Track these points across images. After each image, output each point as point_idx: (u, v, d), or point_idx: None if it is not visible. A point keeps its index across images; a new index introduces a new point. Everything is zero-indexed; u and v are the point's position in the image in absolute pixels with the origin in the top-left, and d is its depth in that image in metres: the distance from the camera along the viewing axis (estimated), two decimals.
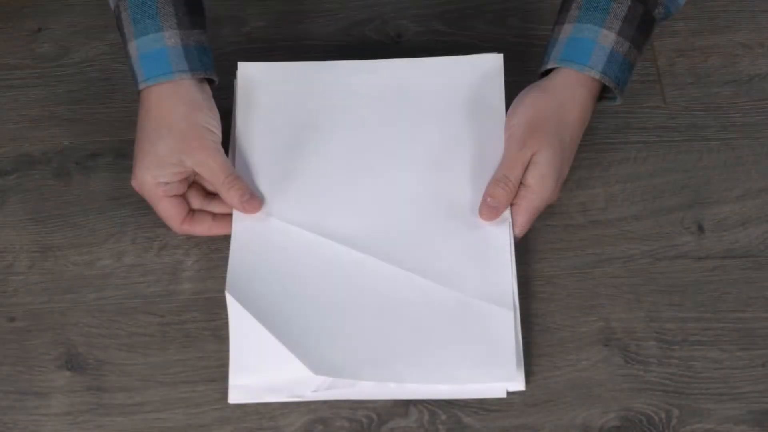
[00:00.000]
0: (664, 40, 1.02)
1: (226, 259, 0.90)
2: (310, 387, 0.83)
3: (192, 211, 0.89)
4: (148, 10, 0.87)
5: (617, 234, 0.92)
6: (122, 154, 0.96)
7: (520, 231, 0.87)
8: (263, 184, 0.90)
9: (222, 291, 0.88)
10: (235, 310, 0.85)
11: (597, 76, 0.86)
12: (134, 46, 0.88)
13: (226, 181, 0.87)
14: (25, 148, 0.97)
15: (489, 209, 0.86)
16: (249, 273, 0.86)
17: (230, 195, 0.87)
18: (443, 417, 0.85)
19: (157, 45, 0.87)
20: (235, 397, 0.84)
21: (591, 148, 0.95)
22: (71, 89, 0.99)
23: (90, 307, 0.90)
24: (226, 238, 0.90)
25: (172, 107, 0.87)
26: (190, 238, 0.91)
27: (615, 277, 0.90)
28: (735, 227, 0.93)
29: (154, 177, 0.86)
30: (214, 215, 0.90)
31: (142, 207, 0.92)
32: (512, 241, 0.87)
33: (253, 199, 0.88)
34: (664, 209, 0.93)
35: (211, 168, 0.87)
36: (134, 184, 0.88)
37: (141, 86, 0.88)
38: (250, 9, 1.04)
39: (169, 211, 0.88)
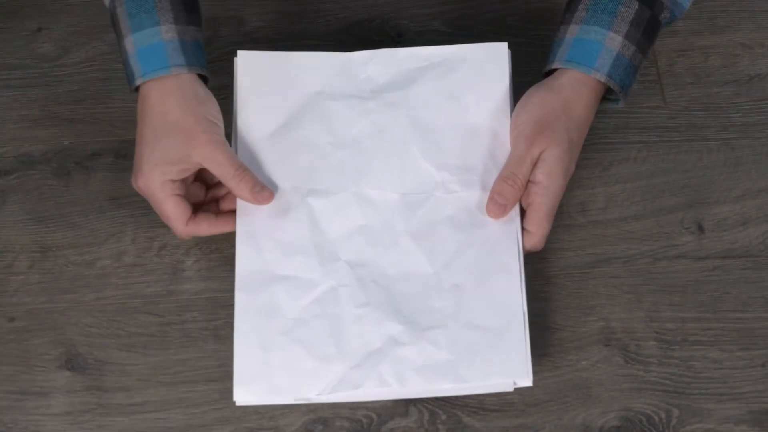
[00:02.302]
0: (664, 40, 1.02)
1: (226, 259, 0.90)
2: (315, 390, 0.82)
3: (194, 212, 0.88)
4: (144, 4, 0.86)
5: (617, 234, 0.92)
6: (122, 154, 0.96)
7: (538, 229, 0.86)
8: (266, 173, 0.89)
9: (222, 291, 0.89)
10: (241, 308, 0.84)
11: (603, 79, 0.86)
12: (130, 41, 0.87)
13: (236, 174, 0.86)
14: (25, 148, 0.97)
15: (497, 206, 0.86)
16: (256, 270, 0.86)
17: (240, 188, 0.86)
18: (443, 417, 0.85)
19: (153, 39, 0.86)
20: (241, 398, 0.83)
21: (591, 148, 0.95)
22: (71, 89, 0.99)
23: (90, 307, 0.90)
24: (226, 238, 0.90)
25: (176, 102, 0.86)
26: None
27: (615, 277, 0.90)
28: (735, 227, 0.93)
29: (163, 174, 0.85)
30: (218, 213, 0.89)
31: (142, 207, 0.92)
32: (520, 239, 0.86)
33: (264, 190, 0.87)
34: (664, 209, 0.93)
35: (220, 162, 0.86)
36: (139, 183, 0.86)
37: (138, 82, 0.87)
38: (250, 9, 1.04)
39: (174, 211, 0.86)
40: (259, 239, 0.87)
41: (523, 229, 0.86)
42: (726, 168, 0.95)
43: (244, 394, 0.83)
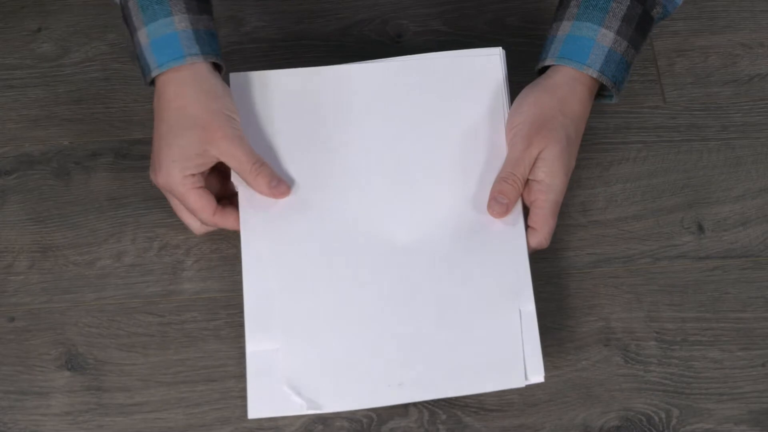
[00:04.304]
0: (664, 40, 1.02)
1: (226, 259, 0.90)
2: (329, 405, 0.81)
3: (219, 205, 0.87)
4: None
5: (617, 234, 0.92)
6: (122, 154, 0.96)
7: (543, 226, 0.85)
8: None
9: (222, 291, 0.89)
10: (252, 311, 0.83)
11: (594, 75, 0.86)
12: (144, 34, 0.86)
13: (254, 168, 0.85)
14: (25, 148, 0.97)
15: (499, 205, 0.85)
16: (264, 273, 0.85)
17: (258, 182, 0.86)
18: (443, 417, 0.85)
19: (167, 30, 0.85)
20: (254, 411, 0.81)
21: (591, 148, 0.95)
22: (71, 89, 0.99)
23: (90, 307, 0.90)
24: (226, 238, 0.90)
25: (193, 96, 0.85)
26: (189, 237, 0.91)
27: (615, 277, 0.90)
28: (735, 227, 0.93)
29: (183, 170, 0.84)
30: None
31: (142, 207, 0.92)
32: (525, 238, 0.86)
33: (282, 184, 0.87)
34: (664, 209, 0.93)
35: (237, 157, 0.85)
36: (159, 180, 0.85)
37: (154, 73, 0.86)
38: (250, 9, 1.04)
39: (199, 203, 0.85)
40: (264, 242, 0.86)
41: (528, 227, 0.86)
42: (726, 168, 0.95)
43: (258, 407, 0.81)
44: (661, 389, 0.86)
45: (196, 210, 0.86)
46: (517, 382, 0.82)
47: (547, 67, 0.89)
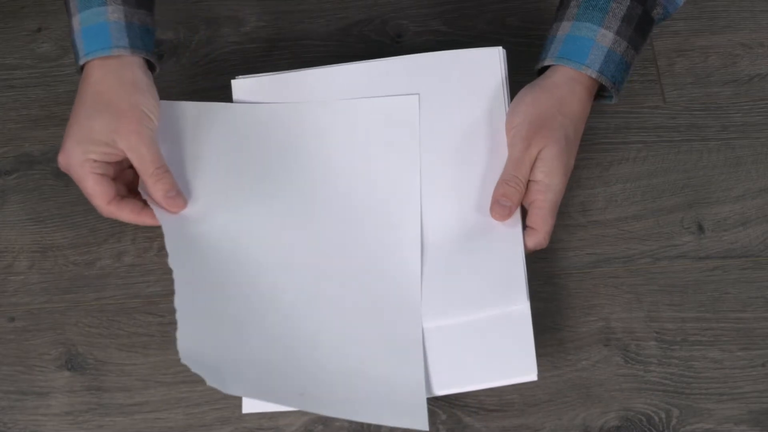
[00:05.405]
0: (664, 40, 1.02)
1: None
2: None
3: (120, 195, 0.86)
4: None
5: (617, 234, 0.92)
6: None
7: (542, 226, 0.85)
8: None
9: None
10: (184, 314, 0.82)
11: (594, 75, 0.86)
12: (77, 20, 0.86)
13: (156, 172, 0.85)
14: (25, 148, 0.97)
15: (502, 208, 0.85)
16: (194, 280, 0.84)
17: (156, 188, 0.85)
18: (443, 417, 0.85)
19: (99, 19, 0.85)
20: (249, 406, 0.83)
21: (591, 148, 0.95)
22: (71, 89, 0.99)
23: (90, 307, 0.90)
24: None
25: (115, 85, 0.85)
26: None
27: (615, 277, 0.90)
28: (735, 227, 0.93)
29: (84, 152, 0.84)
30: (145, 203, 0.87)
31: None
32: (522, 237, 0.86)
33: (178, 197, 0.86)
34: (664, 209, 0.93)
35: (142, 156, 0.85)
36: (61, 158, 0.85)
37: (81, 61, 0.86)
38: (250, 9, 1.04)
39: (95, 188, 0.85)
40: (187, 245, 0.85)
41: (526, 227, 0.86)
42: (726, 168, 0.95)
43: (252, 402, 0.82)
44: (661, 389, 0.86)
45: (90, 195, 0.85)
46: (511, 380, 0.82)
47: (546, 67, 0.89)
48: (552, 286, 0.90)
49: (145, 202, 0.87)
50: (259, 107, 0.92)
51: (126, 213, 0.86)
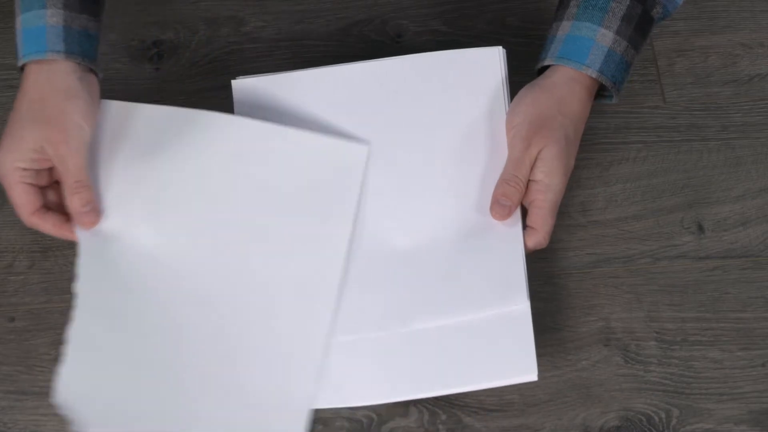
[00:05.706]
0: (664, 40, 1.02)
1: None
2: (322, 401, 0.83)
3: (46, 207, 0.86)
4: None
5: (617, 234, 0.92)
6: None
7: (542, 225, 0.85)
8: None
9: None
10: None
11: (594, 75, 0.86)
12: (19, 21, 0.86)
13: (75, 185, 0.84)
14: None
15: (502, 208, 0.85)
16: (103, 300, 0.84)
17: (73, 200, 0.84)
18: (443, 417, 0.85)
19: (39, 22, 0.84)
20: None
21: (591, 148, 0.95)
22: None
23: None
24: None
25: (47, 92, 0.84)
26: None
27: (615, 277, 0.90)
28: (735, 227, 0.93)
29: (14, 161, 0.83)
30: (69, 217, 0.86)
31: None
32: (522, 237, 0.86)
33: (92, 213, 0.85)
34: (664, 209, 0.93)
35: (67, 165, 0.84)
36: None
37: (19, 63, 0.85)
38: (250, 9, 1.04)
39: (20, 198, 0.84)
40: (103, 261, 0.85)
41: (526, 227, 0.86)
42: (726, 168, 0.95)
43: None
44: (661, 389, 0.86)
45: (15, 205, 0.85)
46: (511, 380, 0.82)
47: (546, 67, 0.89)
48: (552, 286, 0.90)
49: (69, 216, 0.86)
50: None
51: (48, 226, 0.85)
